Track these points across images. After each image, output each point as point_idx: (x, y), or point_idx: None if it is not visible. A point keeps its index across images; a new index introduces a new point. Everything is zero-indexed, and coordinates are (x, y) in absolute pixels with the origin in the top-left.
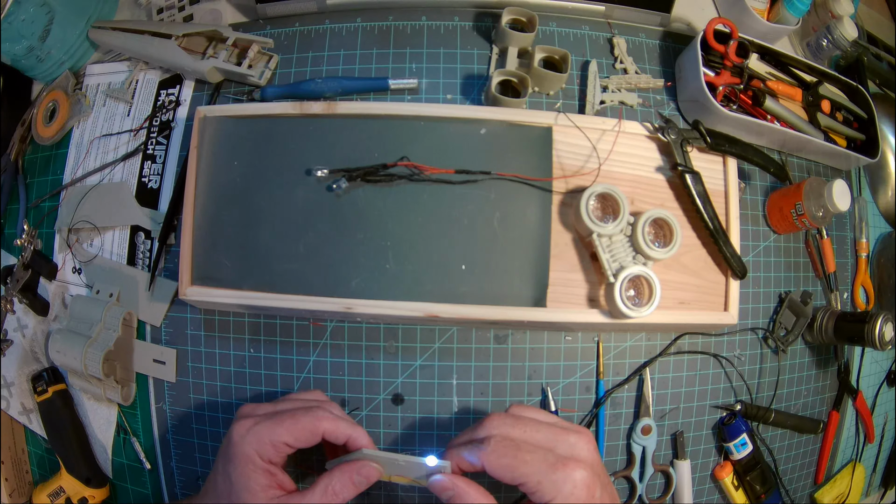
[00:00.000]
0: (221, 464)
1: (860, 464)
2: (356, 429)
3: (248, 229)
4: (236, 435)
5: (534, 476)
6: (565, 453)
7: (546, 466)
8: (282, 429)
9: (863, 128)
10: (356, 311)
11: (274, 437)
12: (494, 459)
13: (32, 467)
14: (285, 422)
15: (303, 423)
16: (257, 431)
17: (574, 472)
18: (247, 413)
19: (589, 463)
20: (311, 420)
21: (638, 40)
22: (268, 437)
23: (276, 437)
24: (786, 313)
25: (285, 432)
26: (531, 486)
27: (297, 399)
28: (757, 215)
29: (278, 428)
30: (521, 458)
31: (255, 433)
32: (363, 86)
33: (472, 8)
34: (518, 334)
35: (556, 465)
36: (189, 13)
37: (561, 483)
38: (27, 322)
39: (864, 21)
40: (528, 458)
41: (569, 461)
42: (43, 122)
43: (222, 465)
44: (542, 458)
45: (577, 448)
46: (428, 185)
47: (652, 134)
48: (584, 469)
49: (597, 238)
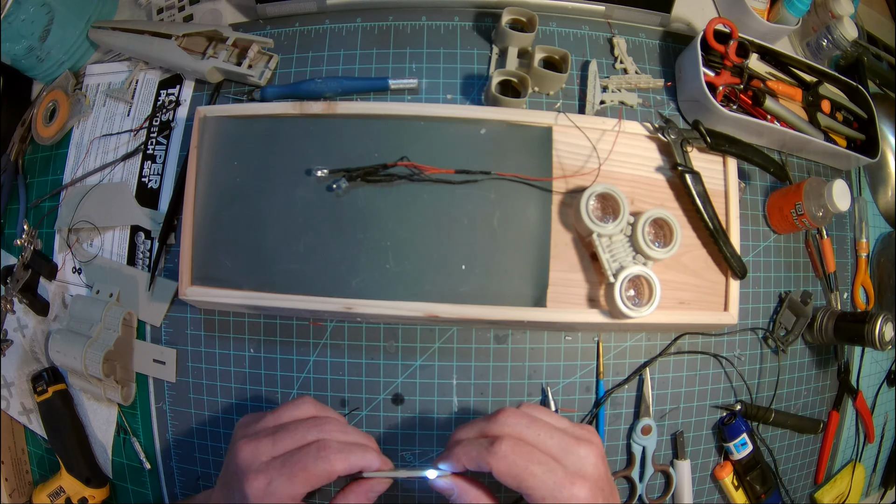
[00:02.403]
0: None
1: (860, 464)
2: (366, 455)
3: (248, 229)
4: (253, 496)
5: (539, 490)
6: (573, 468)
7: (553, 483)
8: (296, 483)
9: (863, 128)
10: (356, 311)
11: (292, 492)
12: (504, 467)
13: (32, 467)
14: (298, 476)
15: (317, 473)
16: (274, 492)
17: (579, 492)
18: (250, 459)
19: (594, 480)
20: (324, 468)
21: (638, 40)
22: (287, 493)
23: (294, 492)
24: (786, 313)
25: (300, 486)
26: (535, 499)
27: (295, 429)
28: (757, 215)
29: (293, 483)
30: (529, 471)
31: (273, 494)
32: (363, 86)
33: (472, 8)
34: (518, 334)
35: (562, 483)
36: (189, 13)
37: (564, 501)
38: (27, 322)
39: (864, 21)
40: (537, 470)
41: (575, 479)
42: (43, 122)
43: None
44: (549, 472)
45: (585, 462)
46: (428, 185)
47: (652, 134)
48: (589, 488)
49: (597, 238)
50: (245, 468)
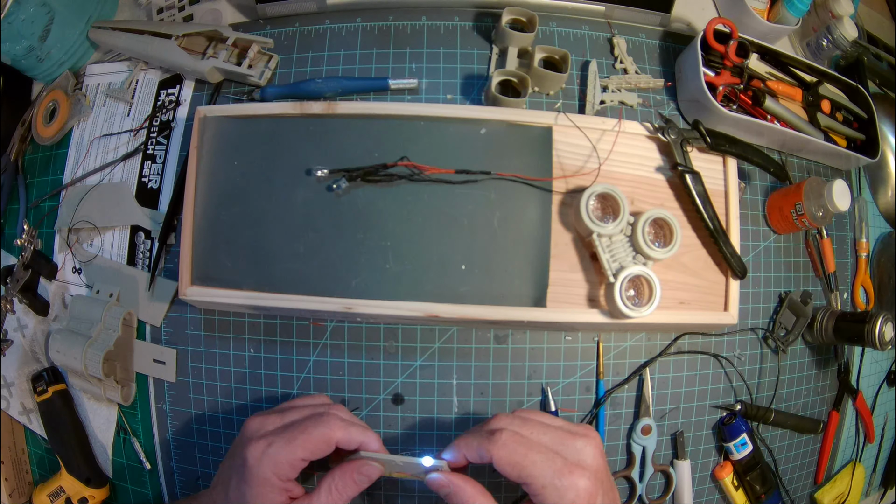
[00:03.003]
0: (235, 481)
1: (860, 464)
2: (367, 433)
3: (248, 229)
4: (251, 458)
5: (539, 479)
6: (572, 458)
7: (553, 471)
8: (296, 446)
9: (863, 128)
10: (356, 311)
11: (291, 457)
12: (504, 455)
13: (32, 467)
14: (298, 438)
15: (315, 437)
16: (273, 454)
17: (579, 480)
18: (256, 429)
19: (594, 470)
20: (323, 431)
21: (638, 40)
22: (285, 457)
23: (293, 456)
24: (786, 313)
25: (300, 449)
26: (535, 488)
27: (304, 406)
28: (757, 215)
29: (293, 446)
30: (529, 458)
31: (271, 456)
32: (363, 86)
33: (472, 8)
34: (518, 334)
35: (562, 471)
36: (189, 13)
37: (564, 490)
38: (27, 322)
39: (864, 21)
40: (537, 458)
41: (575, 468)
42: (43, 122)
43: (236, 483)
44: (549, 461)
45: (583, 453)
46: (428, 185)
47: (652, 134)
48: (589, 478)
49: (597, 238)
50: (249, 437)
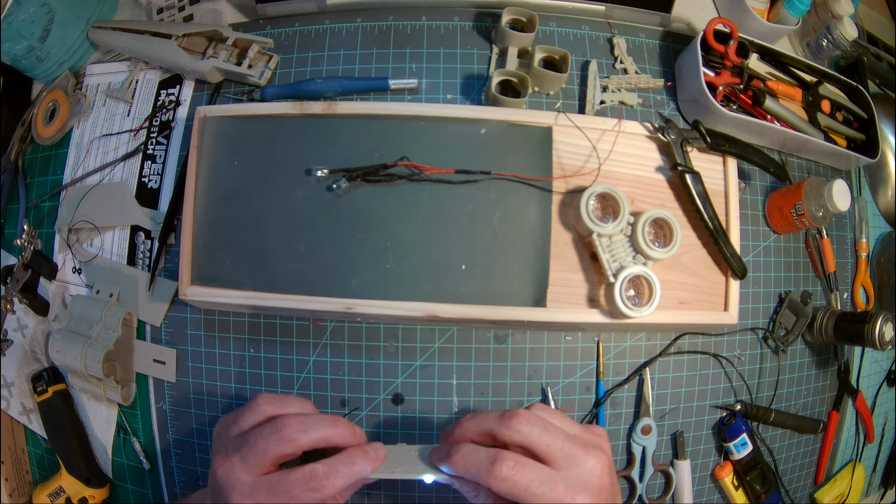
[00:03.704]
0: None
1: (860, 464)
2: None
3: (248, 229)
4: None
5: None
6: (576, 481)
7: (552, 500)
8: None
9: (863, 128)
10: (356, 311)
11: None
12: (504, 489)
13: (32, 467)
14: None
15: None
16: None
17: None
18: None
19: (598, 490)
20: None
21: (638, 40)
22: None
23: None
24: (786, 313)
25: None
26: None
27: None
28: (757, 215)
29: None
30: (529, 492)
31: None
32: (363, 86)
33: (472, 8)
34: (518, 334)
35: (563, 498)
36: (189, 13)
37: None
38: (27, 322)
39: (864, 21)
40: (537, 491)
41: (577, 494)
42: (43, 122)
43: None
44: (550, 492)
45: (591, 475)
46: (428, 185)
47: (652, 134)
48: (588, 499)
49: (597, 238)
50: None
